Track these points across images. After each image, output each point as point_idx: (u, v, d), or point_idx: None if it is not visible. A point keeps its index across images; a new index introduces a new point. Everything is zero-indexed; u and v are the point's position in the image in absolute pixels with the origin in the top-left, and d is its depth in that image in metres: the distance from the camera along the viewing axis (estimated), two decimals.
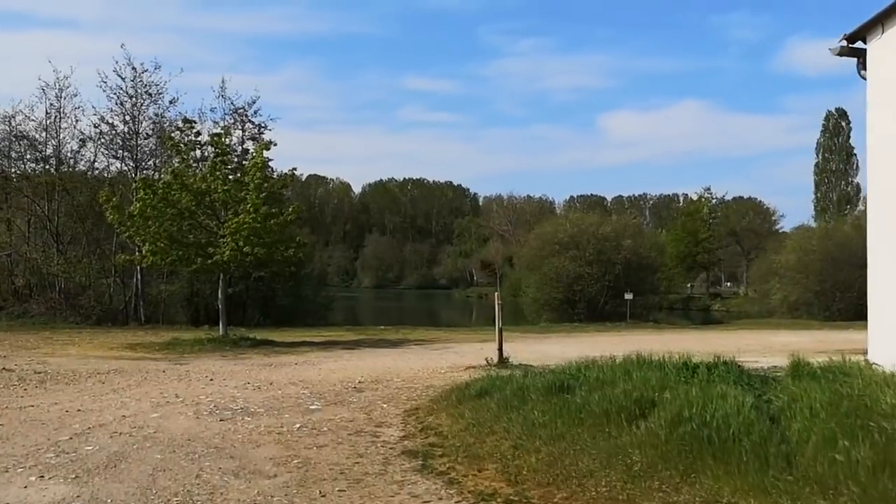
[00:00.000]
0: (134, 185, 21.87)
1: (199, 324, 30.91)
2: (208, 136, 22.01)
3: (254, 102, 33.32)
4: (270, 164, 22.22)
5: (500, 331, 16.02)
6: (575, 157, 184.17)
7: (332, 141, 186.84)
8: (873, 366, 7.90)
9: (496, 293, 16.50)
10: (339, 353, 19.56)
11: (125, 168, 33.21)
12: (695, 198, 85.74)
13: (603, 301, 39.04)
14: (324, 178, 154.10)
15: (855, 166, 79.61)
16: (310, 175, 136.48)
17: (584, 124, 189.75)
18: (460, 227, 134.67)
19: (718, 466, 5.42)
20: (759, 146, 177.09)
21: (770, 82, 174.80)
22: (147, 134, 33.17)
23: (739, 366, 8.97)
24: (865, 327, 30.28)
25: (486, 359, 15.82)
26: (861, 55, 8.96)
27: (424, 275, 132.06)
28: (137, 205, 20.27)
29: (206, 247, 20.58)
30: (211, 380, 13.65)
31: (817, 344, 22.88)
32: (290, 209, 21.31)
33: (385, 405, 10.44)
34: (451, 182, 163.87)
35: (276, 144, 22.17)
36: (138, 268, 31.53)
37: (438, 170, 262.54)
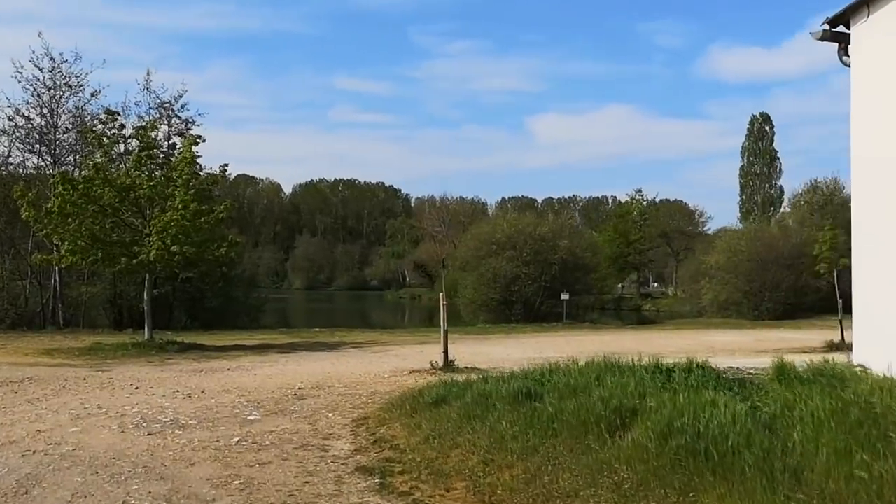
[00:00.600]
0: (52, 180, 20.47)
1: (123, 327, 29.46)
2: (133, 129, 20.79)
3: (180, 97, 31.99)
4: (199, 161, 21.08)
5: (446, 333, 15.36)
6: (505, 159, 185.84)
7: (261, 141, 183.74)
8: (859, 368, 7.50)
9: (441, 294, 15.82)
10: (275, 357, 18.63)
11: (42, 163, 31.49)
12: (623, 200, 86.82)
13: (539, 301, 38.76)
14: (253, 178, 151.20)
15: (778, 169, 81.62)
16: (238, 175, 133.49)
17: (514, 126, 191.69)
18: (393, 227, 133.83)
19: (720, 484, 4.85)
20: (684, 150, 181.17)
21: (693, 88, 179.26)
22: (66, 128, 31.56)
23: (714, 369, 8.46)
24: (795, 327, 30.54)
25: (431, 362, 15.16)
26: (843, 40, 8.60)
27: (356, 276, 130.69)
28: (56, 201, 18.95)
29: (131, 246, 19.38)
30: (136, 388, 12.63)
31: (756, 343, 22.94)
32: (222, 206, 20.24)
33: (330, 414, 9.66)
34: (382, 183, 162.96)
35: (204, 140, 21.09)
36: (57, 268, 29.89)
37: (370, 170, 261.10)
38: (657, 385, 7.00)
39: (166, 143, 29.77)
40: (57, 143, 31.18)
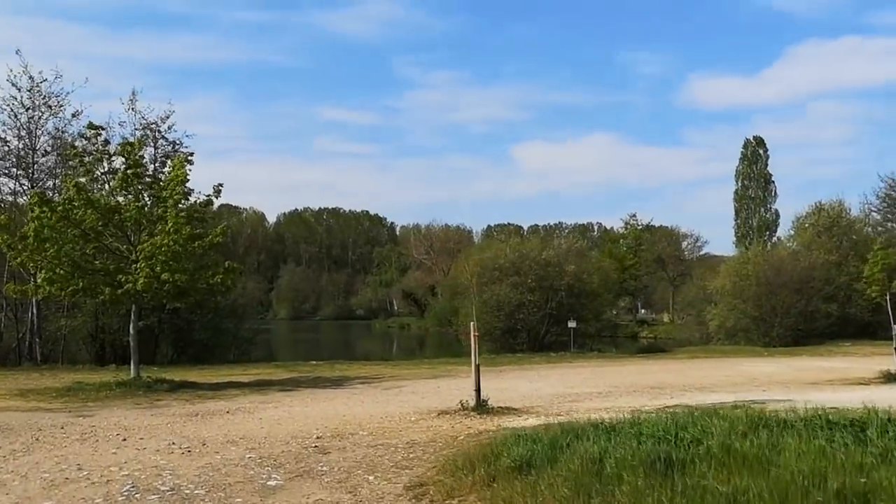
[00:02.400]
0: (28, 202, 18.50)
1: (106, 363, 27.41)
2: (118, 146, 18.87)
3: (167, 117, 30.11)
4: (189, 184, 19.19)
5: (478, 369, 13.49)
6: (489, 188, 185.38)
7: (244, 171, 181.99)
8: None
9: (472, 324, 13.96)
10: (277, 396, 16.68)
11: (19, 188, 29.51)
12: (610, 227, 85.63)
13: (545, 330, 36.96)
14: (236, 207, 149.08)
15: (773, 193, 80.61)
16: (221, 205, 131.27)
17: (498, 155, 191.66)
18: (380, 255, 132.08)
19: None
20: (667, 178, 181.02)
21: (674, 116, 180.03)
22: (45, 150, 29.70)
23: None
24: (817, 354, 28.73)
25: (461, 402, 13.27)
26: None
27: (341, 305, 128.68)
28: (32, 224, 17.00)
29: (116, 274, 17.43)
30: (124, 439, 10.66)
31: (799, 374, 21.16)
32: (218, 229, 18.36)
33: (371, 477, 7.76)
34: (367, 211, 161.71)
35: (193, 163, 19.20)
36: (34, 300, 27.80)
37: (354, 200, 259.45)
38: (857, 450, 5.17)
39: (152, 166, 27.94)
40: (35, 166, 29.28)
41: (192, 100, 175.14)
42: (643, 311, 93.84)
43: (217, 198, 19.09)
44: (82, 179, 17.93)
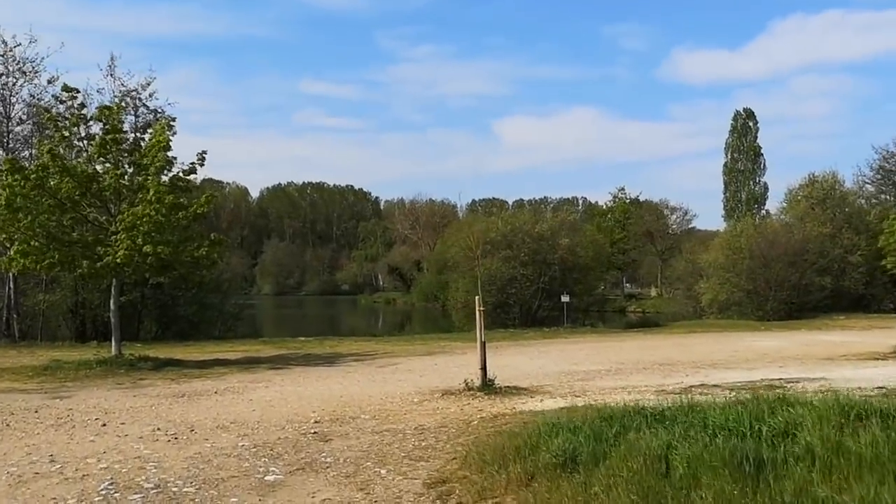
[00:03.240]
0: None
1: (87, 339, 26.38)
2: (96, 110, 17.72)
3: (148, 84, 28.80)
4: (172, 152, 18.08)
5: (484, 346, 12.63)
6: (472, 162, 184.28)
7: (226, 145, 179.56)
8: None
9: (477, 298, 13.09)
10: (267, 374, 15.77)
11: None
12: (594, 201, 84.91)
13: (537, 304, 36.20)
14: (219, 182, 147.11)
15: (762, 166, 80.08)
16: (204, 179, 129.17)
17: (481, 129, 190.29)
18: (365, 230, 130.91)
19: None
20: (650, 152, 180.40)
21: (658, 90, 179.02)
22: (20, 119, 28.40)
23: None
24: (815, 327, 28.02)
25: (466, 381, 12.42)
26: None
27: (326, 281, 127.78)
28: (4, 193, 15.90)
29: (95, 246, 16.39)
30: (104, 425, 9.75)
31: (808, 349, 20.43)
32: (202, 198, 17.32)
33: (383, 471, 6.88)
34: (351, 186, 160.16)
35: (175, 130, 18.10)
36: (11, 274, 26.70)
37: (337, 174, 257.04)
38: None
39: (132, 135, 26.75)
40: (10, 135, 28.00)
41: (172, 73, 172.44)
42: (627, 285, 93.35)
43: (201, 165, 18.06)
44: (57, 145, 16.77)
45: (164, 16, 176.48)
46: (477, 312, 12.83)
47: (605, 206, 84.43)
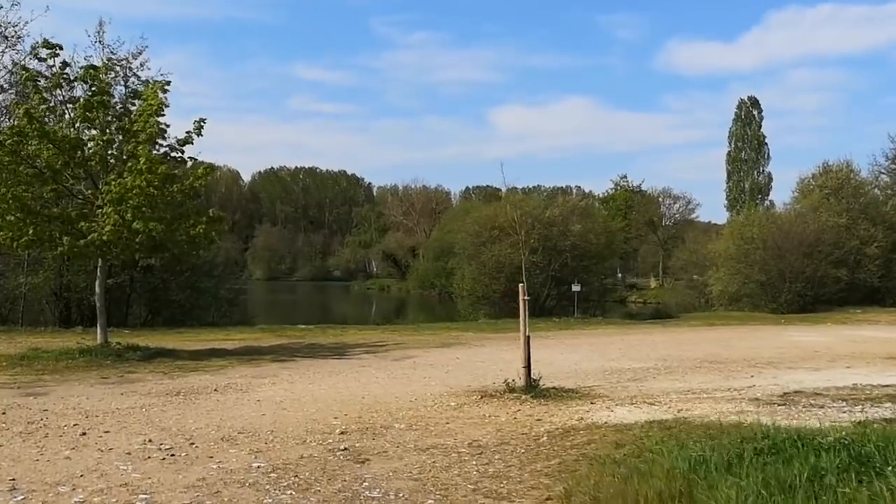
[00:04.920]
0: None
1: (72, 324, 24.56)
2: (80, 70, 15.83)
3: (140, 53, 26.87)
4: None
5: (528, 341, 10.91)
6: (465, 150, 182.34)
7: (218, 129, 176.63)
8: None
9: (521, 286, 11.35)
10: (272, 368, 14.03)
11: None
12: (587, 190, 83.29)
13: (546, 294, 34.50)
14: (210, 165, 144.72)
15: (766, 155, 78.48)
16: (196, 161, 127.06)
17: (474, 117, 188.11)
18: (359, 216, 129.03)
19: None
20: (643, 143, 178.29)
21: (652, 81, 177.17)
22: (1, 87, 26.45)
23: None
24: (841, 321, 26.47)
25: (507, 381, 10.72)
26: None
27: (318, 266, 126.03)
28: None
29: (78, 221, 14.55)
30: (83, 433, 8.00)
31: (860, 346, 18.72)
32: (199, 170, 15.51)
33: None
34: (344, 171, 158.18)
35: (168, 92, 16.20)
36: None
37: (330, 160, 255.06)
38: None
39: (120, 106, 24.89)
40: None
41: (162, 56, 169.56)
42: (618, 275, 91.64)
43: (198, 135, 16.19)
44: (36, 108, 14.87)
45: None
46: (520, 302, 11.09)
47: (603, 195, 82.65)
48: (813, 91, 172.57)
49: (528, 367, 10.77)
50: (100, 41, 25.22)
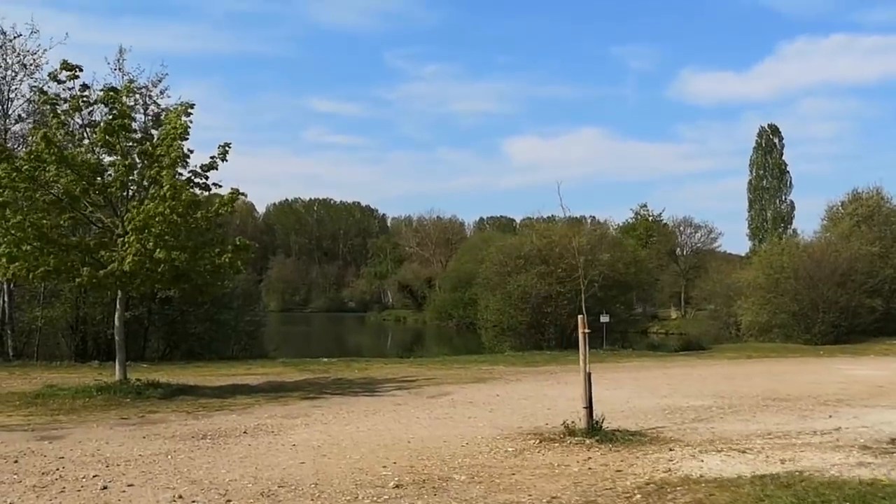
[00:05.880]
0: None
1: (87, 358, 23.77)
2: (100, 92, 15.12)
3: (160, 81, 26.33)
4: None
5: (589, 377, 9.95)
6: (478, 181, 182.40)
7: (233, 162, 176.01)
8: None
9: (580, 317, 10.43)
10: (302, 407, 13.10)
11: None
12: (601, 220, 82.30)
13: (573, 325, 33.40)
14: (237, 190, 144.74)
15: (788, 183, 77.34)
16: (212, 193, 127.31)
17: (487, 148, 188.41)
18: (375, 246, 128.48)
19: None
20: (660, 172, 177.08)
21: (666, 111, 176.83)
22: (20, 116, 25.91)
23: None
24: (883, 353, 25.38)
25: (566, 423, 9.77)
26: None
27: (332, 298, 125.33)
28: None
29: (98, 250, 13.77)
30: (104, 488, 7.07)
31: None
32: (226, 196, 14.70)
33: None
34: (358, 202, 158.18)
35: (191, 115, 15.41)
36: (6, 287, 24.13)
37: (344, 192, 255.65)
38: None
39: (140, 134, 24.22)
40: (7, 133, 25.49)
41: (179, 89, 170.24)
42: (634, 306, 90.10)
43: (223, 160, 15.43)
44: (55, 132, 14.15)
45: (172, 34, 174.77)
46: (580, 334, 10.15)
47: (621, 224, 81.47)
48: (827, 120, 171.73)
49: (589, 406, 9.80)
50: (119, 69, 24.72)
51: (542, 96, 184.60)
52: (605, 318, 32.50)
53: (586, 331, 10.12)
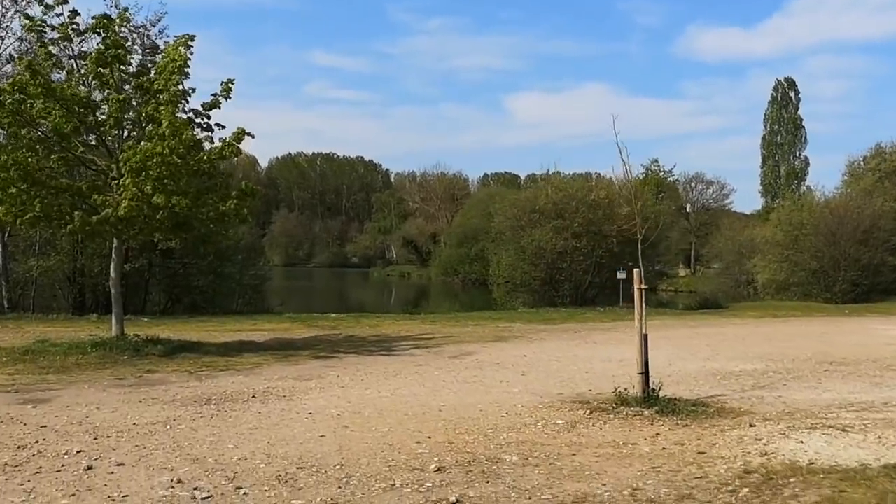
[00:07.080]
0: None
1: (86, 311, 22.65)
2: (93, 19, 13.73)
3: (158, 20, 24.89)
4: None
5: (646, 340, 8.77)
6: (483, 137, 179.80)
7: (235, 115, 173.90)
8: None
9: (636, 271, 9.23)
10: (314, 367, 11.96)
11: None
12: (610, 175, 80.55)
13: (588, 282, 32.29)
14: (243, 129, 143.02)
15: (803, 139, 75.68)
16: (211, 148, 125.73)
17: (491, 104, 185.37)
18: (379, 201, 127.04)
19: None
20: (663, 129, 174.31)
21: (671, 67, 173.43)
22: (10, 55, 24.43)
23: None
24: None
25: (617, 390, 8.64)
26: None
27: (336, 253, 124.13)
28: None
29: (90, 194, 12.52)
30: (89, 467, 5.93)
31: None
32: (231, 135, 13.38)
33: None
34: (362, 157, 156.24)
35: (192, 48, 13.99)
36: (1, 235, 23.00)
37: (347, 147, 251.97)
38: None
39: (139, 65, 22.74)
40: None
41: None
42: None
43: (226, 98, 14.09)
44: (42, 62, 12.81)
45: None
46: (636, 291, 8.95)
47: (633, 179, 79.83)
48: (834, 78, 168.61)
49: (645, 373, 8.62)
50: (115, 5, 23.16)
51: (546, 52, 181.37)
52: (621, 275, 31.34)
53: (643, 286, 8.88)
